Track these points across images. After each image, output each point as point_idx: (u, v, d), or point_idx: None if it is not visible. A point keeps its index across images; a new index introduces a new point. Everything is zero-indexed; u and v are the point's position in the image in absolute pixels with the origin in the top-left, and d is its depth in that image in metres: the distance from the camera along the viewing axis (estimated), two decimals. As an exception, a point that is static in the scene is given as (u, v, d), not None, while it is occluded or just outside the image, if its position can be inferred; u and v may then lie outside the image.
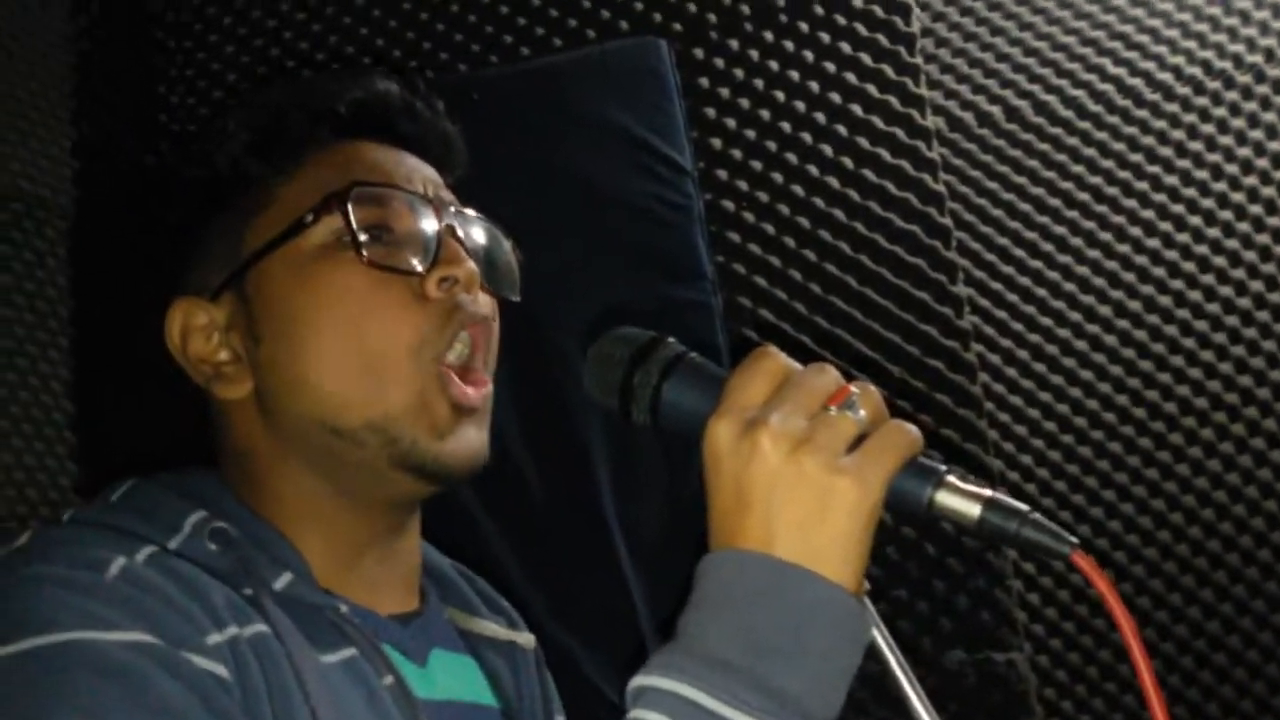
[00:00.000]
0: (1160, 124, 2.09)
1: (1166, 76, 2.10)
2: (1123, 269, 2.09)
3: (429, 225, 0.98)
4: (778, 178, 2.03)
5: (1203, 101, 2.08)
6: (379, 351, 0.95)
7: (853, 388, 0.80)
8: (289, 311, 0.97)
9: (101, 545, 0.86)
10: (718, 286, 1.96)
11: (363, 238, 0.96)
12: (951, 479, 0.78)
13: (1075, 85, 2.12)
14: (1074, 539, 0.75)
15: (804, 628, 0.75)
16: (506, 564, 1.87)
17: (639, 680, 0.77)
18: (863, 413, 0.79)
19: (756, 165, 2.04)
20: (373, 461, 0.95)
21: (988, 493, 0.77)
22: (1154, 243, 2.08)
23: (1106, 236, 2.09)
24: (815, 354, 1.97)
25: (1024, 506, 0.76)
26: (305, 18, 2.15)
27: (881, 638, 0.81)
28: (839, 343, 1.97)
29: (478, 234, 1.03)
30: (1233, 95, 2.07)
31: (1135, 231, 2.09)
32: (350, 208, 0.96)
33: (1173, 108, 2.09)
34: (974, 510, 0.77)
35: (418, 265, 0.97)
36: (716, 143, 2.05)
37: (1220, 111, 2.07)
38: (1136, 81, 2.11)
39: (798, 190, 2.02)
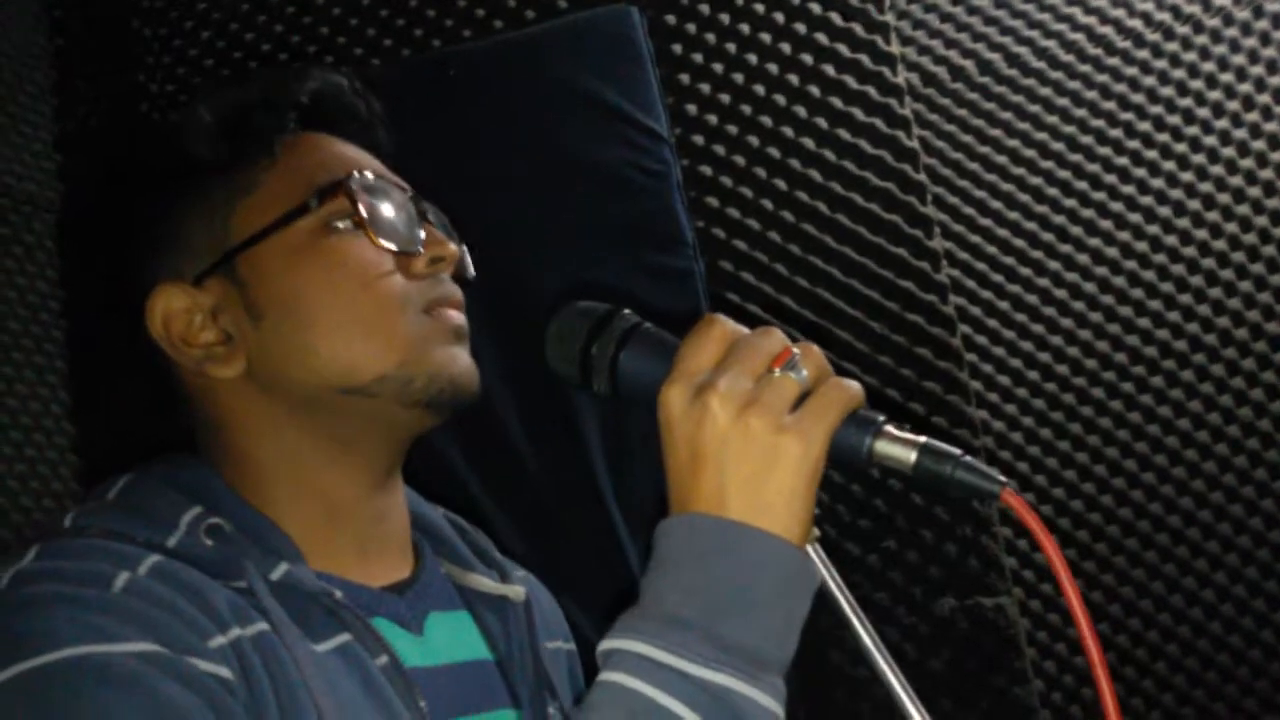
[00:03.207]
0: (1131, 71, 2.11)
1: (1136, 23, 2.11)
2: (1099, 216, 2.11)
3: (411, 211, 1.06)
4: (753, 141, 2.05)
5: (1173, 47, 2.10)
6: (380, 315, 1.01)
7: (795, 349, 0.84)
8: (295, 289, 1.01)
9: (106, 558, 0.90)
10: (699, 251, 1.98)
11: (366, 217, 1.02)
12: (889, 429, 0.83)
13: (1046, 36, 2.14)
14: (1003, 479, 0.79)
15: (752, 583, 0.81)
16: (504, 535, 1.91)
17: (605, 644, 0.83)
18: (805, 372, 0.84)
19: (732, 129, 2.06)
20: (383, 408, 1.01)
21: (922, 439, 0.82)
22: (1129, 189, 2.11)
23: (1082, 185, 2.12)
24: (795, 314, 2.00)
25: (956, 450, 0.81)
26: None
27: (833, 581, 0.86)
28: (820, 303, 2.00)
29: (437, 219, 1.10)
30: (1202, 39, 2.09)
31: (1110, 179, 2.11)
32: (356, 193, 1.02)
33: (1144, 54, 2.11)
34: (910, 455, 0.81)
35: (416, 246, 1.04)
36: (691, 108, 2.07)
37: (1190, 56, 2.09)
38: (1107, 30, 2.12)
39: (773, 153, 2.04)
